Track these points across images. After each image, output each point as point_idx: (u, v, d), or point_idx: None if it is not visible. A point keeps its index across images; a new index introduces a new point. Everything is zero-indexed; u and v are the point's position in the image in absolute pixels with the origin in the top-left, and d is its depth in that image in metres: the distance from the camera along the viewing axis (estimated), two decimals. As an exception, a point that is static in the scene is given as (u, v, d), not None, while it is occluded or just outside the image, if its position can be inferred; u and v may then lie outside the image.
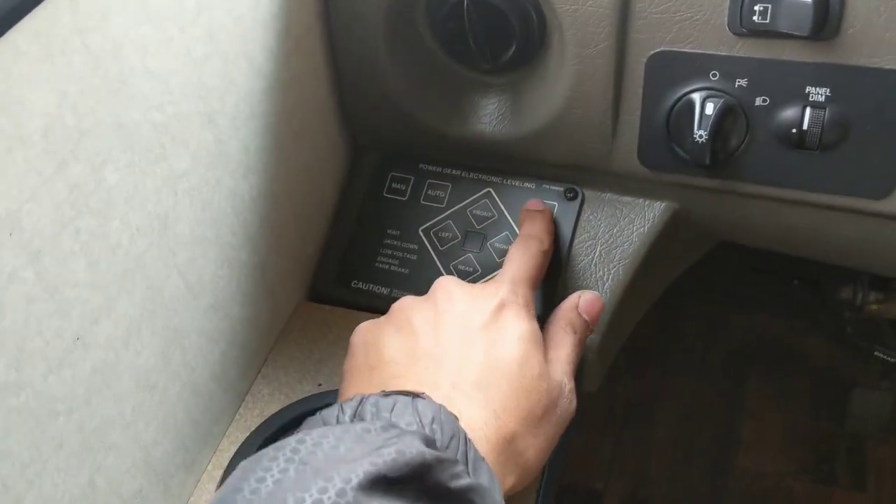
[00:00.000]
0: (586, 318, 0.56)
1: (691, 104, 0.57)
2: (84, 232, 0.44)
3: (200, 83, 0.52)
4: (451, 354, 0.48)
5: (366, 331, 0.53)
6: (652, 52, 0.58)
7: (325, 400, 0.60)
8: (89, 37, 0.43)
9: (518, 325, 0.50)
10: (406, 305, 0.53)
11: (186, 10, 0.50)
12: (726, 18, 0.55)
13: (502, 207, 0.67)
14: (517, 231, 0.66)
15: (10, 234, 0.39)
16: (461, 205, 0.68)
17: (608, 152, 0.62)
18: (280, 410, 0.59)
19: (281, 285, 0.64)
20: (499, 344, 0.49)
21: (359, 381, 0.50)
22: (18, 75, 0.39)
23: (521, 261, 0.56)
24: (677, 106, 0.58)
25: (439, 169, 0.69)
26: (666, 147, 0.60)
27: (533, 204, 0.64)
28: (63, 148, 0.42)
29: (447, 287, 0.53)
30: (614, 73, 0.59)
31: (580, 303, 0.57)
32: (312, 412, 0.59)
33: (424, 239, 0.67)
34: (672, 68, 0.58)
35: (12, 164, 0.39)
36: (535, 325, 0.52)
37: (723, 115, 0.56)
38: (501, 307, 0.51)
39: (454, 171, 0.69)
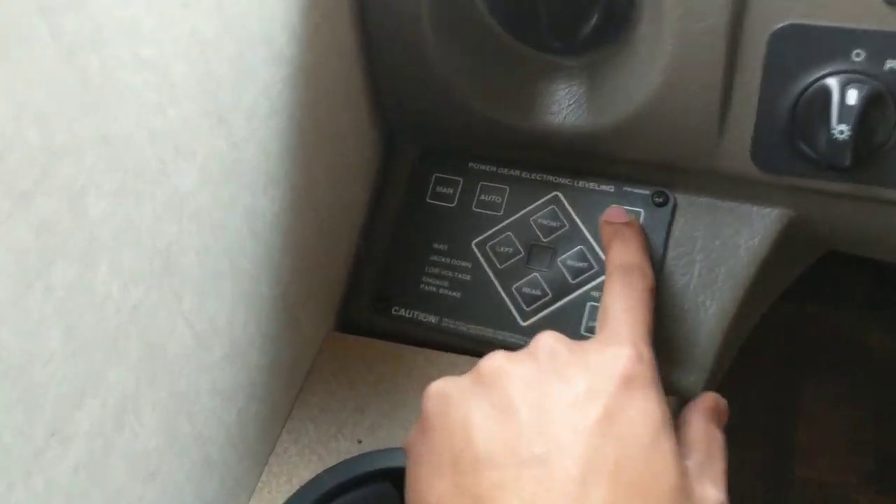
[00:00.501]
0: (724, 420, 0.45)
1: (827, 92, 0.45)
2: (59, 287, 0.32)
3: (209, 73, 0.40)
4: (569, 461, 0.36)
5: (445, 397, 0.41)
6: (777, 27, 0.45)
7: (369, 464, 0.48)
8: (60, 19, 0.30)
9: (651, 413, 0.38)
10: (500, 370, 0.41)
11: (190, -22, 0.37)
12: (877, -18, 0.43)
13: (574, 215, 0.55)
14: (594, 244, 0.54)
15: (-50, 307, 0.27)
16: (522, 212, 0.56)
17: (713, 149, 0.50)
18: (314, 479, 0.48)
19: (306, 315, 0.52)
20: (629, 444, 0.37)
21: (439, 483, 0.38)
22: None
23: (629, 305, 0.44)
24: (808, 93, 0.46)
25: (494, 168, 0.57)
26: (788, 144, 0.48)
27: (615, 214, 0.52)
28: (26, 176, 0.30)
29: (555, 352, 0.41)
30: (727, 53, 0.47)
31: (720, 404, 0.46)
32: (355, 482, 0.47)
33: (479, 255, 0.55)
34: (802, 47, 0.46)
35: (-51, 207, 0.27)
36: (667, 408, 0.40)
37: (869, 104, 0.44)
38: (628, 383, 0.39)
39: (513, 171, 0.57)
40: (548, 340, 0.41)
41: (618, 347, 0.41)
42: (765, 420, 1.13)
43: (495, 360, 0.41)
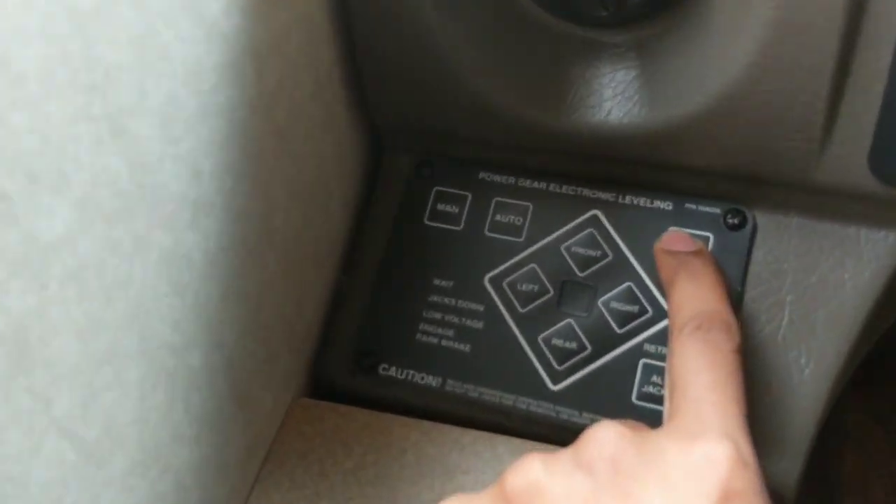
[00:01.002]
0: None
1: None
2: None
3: (90, 60, 0.26)
4: None
5: None
6: (917, -17, 0.32)
7: None
8: None
9: None
10: (536, 487, 0.27)
11: None
12: None
13: (619, 241, 0.42)
14: (647, 280, 0.41)
15: None
16: (551, 238, 0.42)
17: (814, 154, 0.37)
18: None
19: (262, 385, 0.39)
20: None
21: None
22: None
23: (716, 377, 0.31)
24: (956, 78, 0.33)
25: (513, 180, 0.44)
26: (923, 147, 0.35)
27: (677, 240, 0.39)
28: None
29: (617, 457, 0.28)
30: (843, 24, 0.33)
31: None
32: None
33: (494, 294, 0.42)
34: (952, 11, 0.32)
35: None
36: None
37: None
38: (729, 502, 0.26)
39: (537, 184, 0.44)
40: (605, 439, 0.28)
41: (709, 444, 0.28)
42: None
43: (529, 472, 0.28)
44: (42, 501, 0.26)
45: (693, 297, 0.35)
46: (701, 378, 0.31)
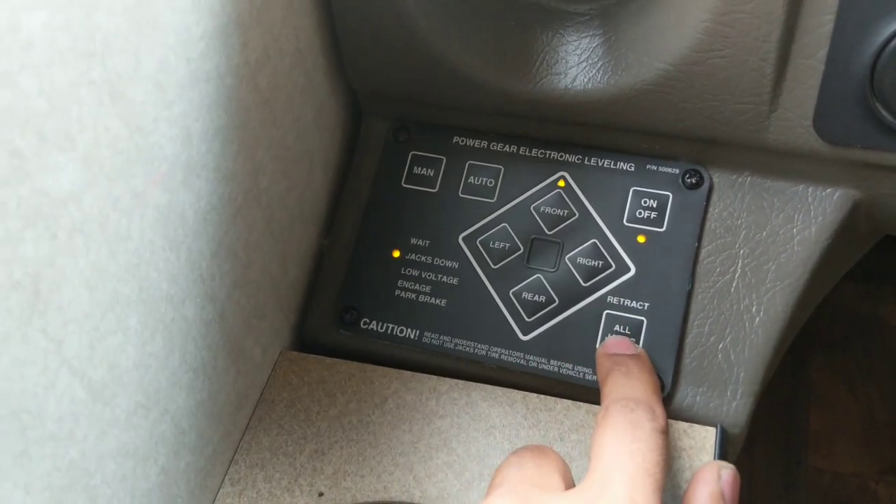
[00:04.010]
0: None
1: (921, 40, 0.35)
2: None
3: (90, 28, 0.28)
4: None
5: None
6: (855, -45, 0.35)
7: (333, 533, 0.37)
8: None
9: None
10: None
11: None
12: None
13: (584, 201, 0.44)
14: (610, 237, 0.43)
15: None
16: (521, 198, 0.45)
17: (764, 116, 0.39)
18: (262, 555, 0.37)
19: (252, 337, 0.41)
20: None
21: None
22: None
23: (633, 448, 0.32)
24: (893, 45, 0.36)
25: (485, 144, 0.46)
26: (863, 109, 0.38)
27: (618, 344, 0.40)
28: None
29: None
30: (789, -10, 0.36)
31: (723, 482, 0.34)
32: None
33: (467, 252, 0.45)
34: (887, -19, 0.35)
35: None
36: None
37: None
38: None
39: (508, 147, 0.46)
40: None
41: None
42: (771, 403, 1.04)
43: None
44: (56, 434, 0.29)
45: (623, 386, 0.36)
46: (618, 448, 0.32)
